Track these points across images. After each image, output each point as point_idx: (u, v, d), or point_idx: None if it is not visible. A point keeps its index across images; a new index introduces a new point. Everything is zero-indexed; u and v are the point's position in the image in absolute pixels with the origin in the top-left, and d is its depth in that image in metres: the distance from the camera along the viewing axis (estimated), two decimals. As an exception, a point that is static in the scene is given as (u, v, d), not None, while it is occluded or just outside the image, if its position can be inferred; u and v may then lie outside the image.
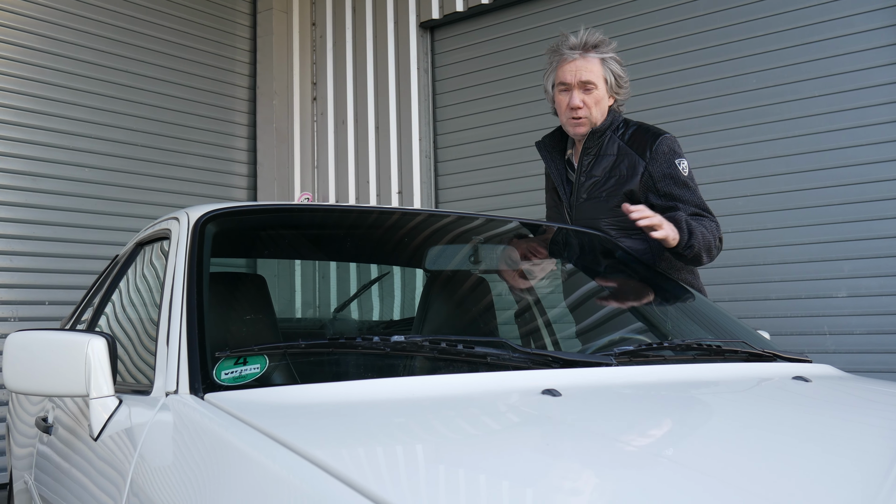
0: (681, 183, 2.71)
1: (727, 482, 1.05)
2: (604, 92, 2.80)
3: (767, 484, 1.05)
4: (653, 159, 2.72)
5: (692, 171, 2.81)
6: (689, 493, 1.02)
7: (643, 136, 2.78)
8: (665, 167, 2.71)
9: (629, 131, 2.82)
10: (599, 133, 2.81)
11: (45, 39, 5.28)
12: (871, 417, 1.60)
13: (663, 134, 2.78)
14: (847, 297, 4.19)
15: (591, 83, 2.78)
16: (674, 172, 2.71)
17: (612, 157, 2.78)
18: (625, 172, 2.74)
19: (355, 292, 3.95)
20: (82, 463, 1.84)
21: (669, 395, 1.60)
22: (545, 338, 2.69)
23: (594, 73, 2.78)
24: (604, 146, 2.80)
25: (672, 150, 2.74)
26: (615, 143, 2.79)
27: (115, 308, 2.59)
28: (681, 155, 2.76)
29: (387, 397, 1.48)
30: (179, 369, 1.60)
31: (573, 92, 2.79)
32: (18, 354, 1.70)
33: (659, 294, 2.44)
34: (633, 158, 2.74)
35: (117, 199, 5.52)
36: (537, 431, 1.34)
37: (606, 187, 2.77)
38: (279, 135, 6.37)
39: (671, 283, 2.47)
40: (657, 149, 2.72)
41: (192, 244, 1.92)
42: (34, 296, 5.10)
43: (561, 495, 1.02)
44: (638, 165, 2.73)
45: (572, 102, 2.77)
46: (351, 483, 1.02)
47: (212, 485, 1.26)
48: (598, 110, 2.80)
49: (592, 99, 2.78)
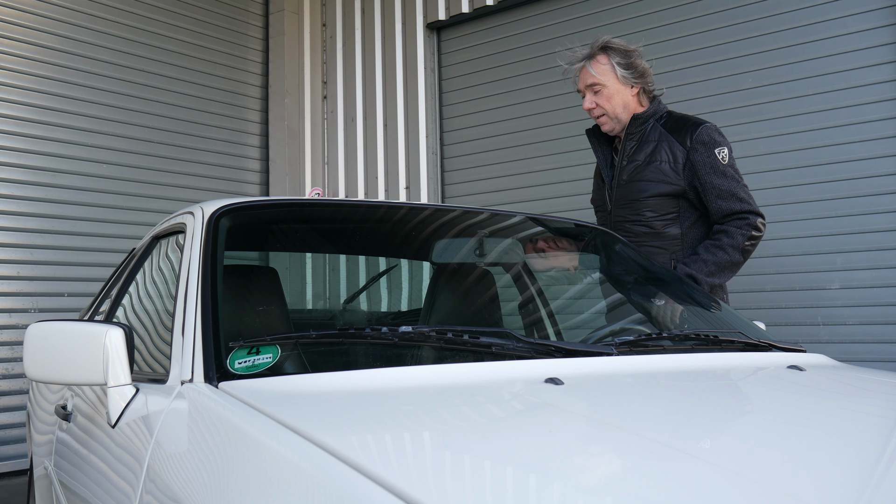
0: (720, 172, 2.77)
1: (724, 468, 1.07)
2: (616, 87, 2.91)
3: (763, 469, 1.06)
4: (693, 149, 2.79)
5: (734, 159, 2.85)
6: (687, 477, 1.04)
7: (684, 125, 2.86)
8: (705, 156, 2.78)
9: (671, 120, 2.91)
10: (643, 120, 2.90)
11: (64, 40, 5.33)
12: (863, 405, 1.61)
13: (704, 123, 2.85)
14: (840, 289, 4.22)
15: (596, 84, 2.93)
16: (713, 162, 2.77)
17: (653, 142, 2.87)
18: (666, 158, 2.82)
19: (364, 284, 3.95)
20: (100, 449, 1.85)
21: (668, 384, 1.61)
22: (548, 328, 2.70)
23: (597, 73, 2.91)
24: (647, 132, 2.89)
25: (712, 140, 2.80)
26: (657, 130, 2.88)
27: (132, 299, 2.59)
28: (721, 144, 2.81)
29: (395, 386, 1.49)
30: (194, 358, 1.61)
31: (586, 97, 2.95)
32: (38, 344, 1.70)
33: (659, 287, 2.45)
34: (674, 145, 2.82)
35: (134, 195, 5.57)
36: (540, 419, 1.35)
37: (648, 171, 2.84)
38: (291, 132, 6.40)
39: (671, 277, 2.49)
40: (697, 137, 2.80)
41: (206, 238, 1.93)
42: (54, 287, 5.15)
43: (563, 480, 1.04)
44: (678, 153, 2.81)
45: (585, 105, 2.96)
46: (360, 468, 1.04)
47: (226, 470, 1.26)
48: (612, 105, 2.92)
49: (604, 97, 2.92)
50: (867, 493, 1.03)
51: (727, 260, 2.73)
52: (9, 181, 5.05)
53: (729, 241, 2.73)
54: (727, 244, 2.73)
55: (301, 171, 6.44)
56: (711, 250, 2.74)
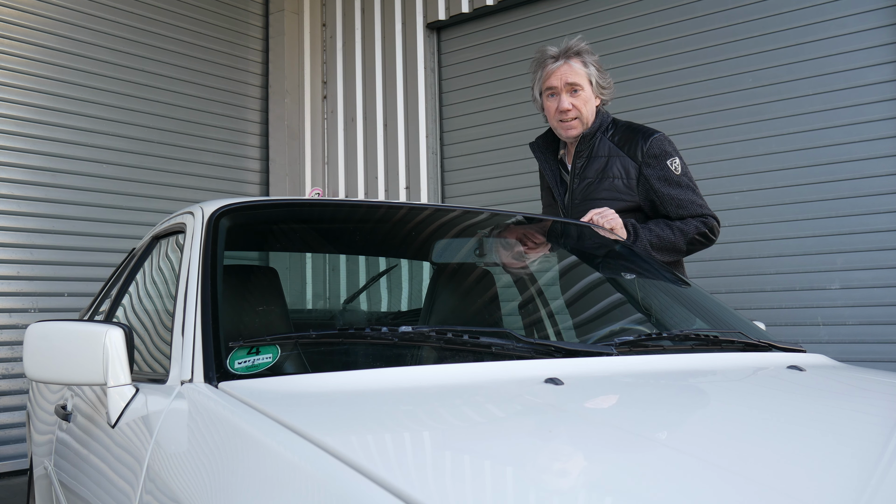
0: (675, 183, 2.78)
1: (724, 467, 1.07)
2: (590, 93, 2.88)
3: (763, 469, 1.06)
4: (645, 163, 2.78)
5: (686, 166, 2.85)
6: (686, 477, 1.04)
7: (633, 137, 2.84)
8: (658, 170, 2.78)
9: (618, 132, 2.88)
10: (590, 136, 2.87)
11: (64, 40, 5.34)
12: (863, 405, 1.61)
13: (653, 134, 2.82)
14: (840, 289, 4.23)
15: (577, 84, 2.87)
16: (667, 174, 2.78)
17: (603, 158, 2.84)
18: (618, 174, 2.80)
19: (364, 284, 3.95)
20: (100, 449, 1.85)
21: (668, 384, 1.61)
22: (548, 328, 2.70)
23: (579, 75, 2.86)
24: (595, 148, 2.86)
25: (664, 152, 2.79)
26: (606, 145, 2.85)
27: (131, 299, 2.59)
28: (672, 154, 2.81)
29: (395, 386, 1.49)
30: (194, 358, 1.60)
31: (561, 96, 2.88)
32: (38, 344, 1.70)
33: (659, 286, 2.45)
34: (625, 160, 2.81)
35: (134, 195, 5.58)
36: (540, 419, 1.34)
37: (601, 188, 2.82)
38: (291, 132, 6.40)
39: (671, 276, 2.48)
40: (649, 151, 2.78)
41: (206, 238, 1.93)
42: (53, 287, 5.17)
43: (562, 480, 1.04)
44: (630, 168, 2.79)
45: (562, 105, 2.86)
46: (360, 468, 1.04)
47: (225, 470, 1.26)
48: (586, 110, 2.87)
49: (581, 100, 2.87)
50: (867, 493, 1.03)
51: (671, 240, 2.75)
52: (9, 181, 5.05)
53: (680, 227, 2.78)
54: (677, 228, 2.78)
55: (301, 171, 6.45)
56: (661, 226, 2.78)
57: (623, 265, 2.56)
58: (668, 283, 2.41)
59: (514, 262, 2.68)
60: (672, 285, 2.40)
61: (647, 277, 2.48)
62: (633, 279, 2.49)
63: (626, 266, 2.55)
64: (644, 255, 2.60)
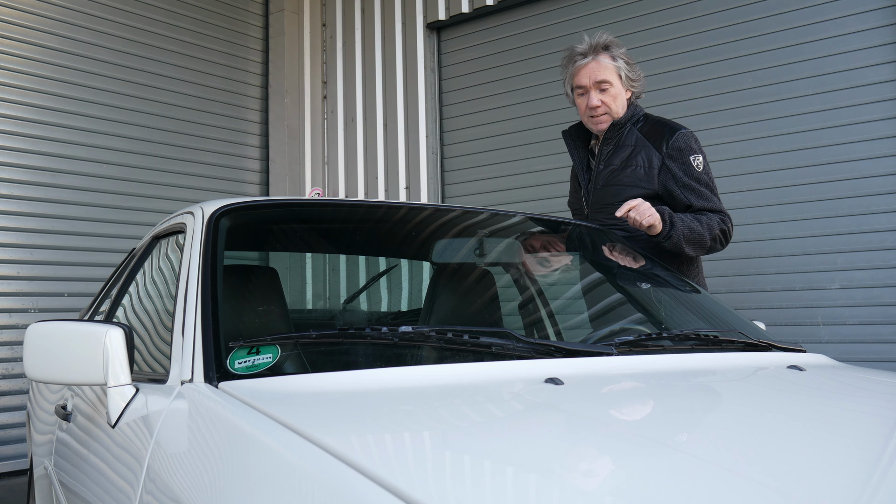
0: (694, 178, 2.81)
1: (724, 467, 1.07)
2: (620, 87, 2.92)
3: (763, 468, 1.07)
4: (668, 155, 2.81)
5: (709, 165, 2.88)
6: (687, 477, 1.04)
7: (661, 130, 2.87)
8: (680, 163, 2.81)
9: (648, 124, 2.92)
10: (620, 125, 2.91)
11: (64, 40, 5.34)
12: (863, 405, 1.61)
13: (680, 129, 2.86)
14: (840, 289, 4.23)
15: (605, 81, 2.90)
16: (688, 169, 2.81)
17: (629, 147, 2.88)
18: (641, 163, 2.83)
19: (364, 284, 3.95)
20: (100, 449, 1.85)
21: (668, 384, 1.61)
22: (548, 328, 2.71)
23: (608, 71, 2.89)
24: (623, 137, 2.90)
25: (688, 147, 2.83)
26: (634, 135, 2.89)
27: (132, 299, 2.59)
28: (696, 151, 2.84)
29: (395, 386, 1.49)
30: (194, 358, 1.61)
31: (590, 93, 2.91)
32: (39, 344, 1.70)
33: (659, 286, 2.45)
34: (650, 151, 2.84)
35: (134, 195, 5.58)
36: (540, 419, 1.35)
37: (623, 175, 2.86)
38: (290, 132, 6.41)
39: (671, 276, 2.49)
40: (673, 143, 2.82)
41: (206, 238, 1.93)
42: (54, 287, 5.17)
43: (563, 480, 1.04)
44: (654, 158, 2.83)
45: (591, 103, 2.90)
46: (360, 468, 1.04)
47: (225, 470, 1.26)
48: (616, 105, 2.91)
49: (610, 96, 2.90)
50: (867, 492, 1.03)
51: (700, 234, 2.76)
52: (9, 181, 5.05)
53: (707, 221, 2.79)
54: (705, 222, 2.78)
55: (301, 171, 6.45)
56: (690, 218, 2.78)
57: (623, 265, 2.56)
58: (668, 282, 2.42)
59: (538, 269, 2.70)
60: (672, 286, 2.40)
61: (647, 277, 2.48)
62: (633, 278, 2.49)
63: (625, 266, 2.55)
64: (644, 255, 2.60)
